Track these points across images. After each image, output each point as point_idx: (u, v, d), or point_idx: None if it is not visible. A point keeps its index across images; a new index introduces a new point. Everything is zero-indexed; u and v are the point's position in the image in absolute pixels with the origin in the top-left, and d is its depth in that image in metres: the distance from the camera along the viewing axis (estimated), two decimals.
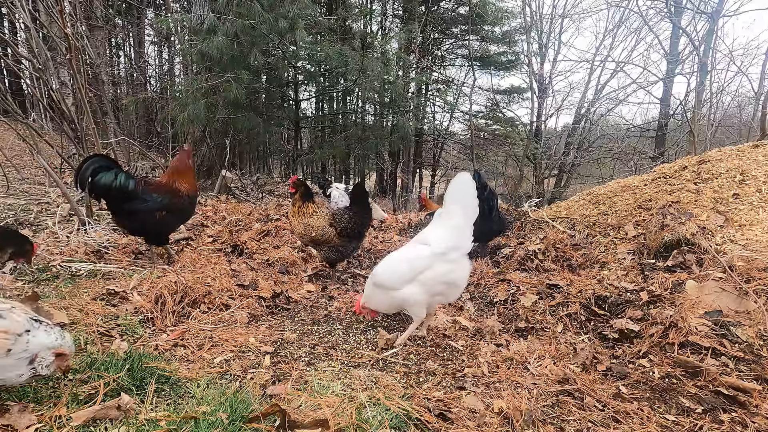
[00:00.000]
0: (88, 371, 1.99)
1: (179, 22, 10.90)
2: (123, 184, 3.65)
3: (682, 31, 14.91)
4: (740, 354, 2.47)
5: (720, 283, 3.02)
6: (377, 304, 2.87)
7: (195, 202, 4.32)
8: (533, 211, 5.77)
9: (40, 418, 1.65)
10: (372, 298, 2.86)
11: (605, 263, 3.88)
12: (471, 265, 2.82)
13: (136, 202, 3.74)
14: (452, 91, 18.08)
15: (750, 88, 14.89)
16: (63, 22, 4.05)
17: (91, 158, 3.67)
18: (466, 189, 2.67)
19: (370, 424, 1.80)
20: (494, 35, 17.13)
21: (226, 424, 1.69)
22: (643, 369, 2.47)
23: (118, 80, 14.67)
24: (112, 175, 3.62)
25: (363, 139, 11.46)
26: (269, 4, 8.63)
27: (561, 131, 20.90)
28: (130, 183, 3.69)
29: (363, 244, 5.41)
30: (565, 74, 36.90)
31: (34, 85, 5.42)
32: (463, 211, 2.66)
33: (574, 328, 2.98)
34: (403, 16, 17.23)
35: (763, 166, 4.49)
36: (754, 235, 3.60)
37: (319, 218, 4.09)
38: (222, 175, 9.13)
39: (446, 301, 2.97)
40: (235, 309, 3.14)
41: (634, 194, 4.85)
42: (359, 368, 2.40)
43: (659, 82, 15.75)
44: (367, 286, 2.91)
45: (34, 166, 8.48)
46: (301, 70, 11.40)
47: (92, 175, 3.60)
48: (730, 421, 2.00)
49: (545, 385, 2.26)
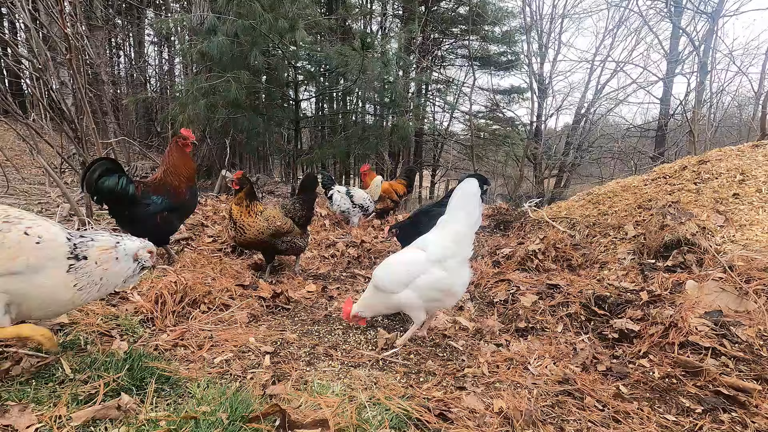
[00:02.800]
0: (88, 371, 1.99)
1: (179, 22, 10.89)
2: (124, 188, 3.59)
3: (682, 31, 14.92)
4: (740, 354, 2.47)
5: (720, 283, 3.02)
6: (376, 306, 2.85)
7: (196, 194, 4.18)
8: (533, 211, 5.77)
9: (41, 418, 1.64)
10: (371, 300, 2.83)
11: (605, 263, 3.88)
12: (470, 274, 2.79)
13: (137, 207, 3.66)
14: (452, 91, 18.06)
15: (750, 88, 14.90)
16: (63, 22, 4.05)
17: (99, 161, 3.58)
18: (472, 195, 2.65)
19: (370, 424, 1.80)
20: (494, 35, 17.09)
21: (226, 424, 1.69)
22: (643, 369, 2.47)
23: (118, 80, 14.68)
24: (116, 178, 3.55)
25: (363, 139, 11.43)
26: (269, 4, 8.61)
27: (561, 131, 20.90)
28: (130, 187, 3.62)
29: (363, 245, 5.41)
30: (565, 74, 37.04)
31: (34, 85, 5.41)
32: (467, 218, 2.64)
33: (574, 328, 2.98)
34: (403, 16, 17.21)
35: (763, 166, 4.49)
36: (754, 235, 3.61)
37: (275, 211, 3.97)
38: (222, 175, 9.13)
39: (443, 307, 2.93)
40: (235, 309, 3.14)
41: (634, 194, 4.85)
42: (359, 368, 2.40)
43: (659, 82, 15.76)
44: (367, 291, 2.89)
45: (34, 166, 8.48)
46: (301, 70, 11.38)
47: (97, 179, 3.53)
48: (730, 421, 2.00)
49: (545, 385, 2.26)
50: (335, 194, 6.48)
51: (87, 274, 1.94)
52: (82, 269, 1.92)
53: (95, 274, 1.97)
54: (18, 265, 1.73)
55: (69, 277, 1.88)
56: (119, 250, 2.08)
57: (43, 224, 1.87)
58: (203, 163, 10.46)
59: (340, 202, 6.42)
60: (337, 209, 6.47)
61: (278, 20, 8.51)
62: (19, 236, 1.75)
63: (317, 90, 12.69)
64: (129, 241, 2.16)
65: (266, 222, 3.83)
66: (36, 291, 1.80)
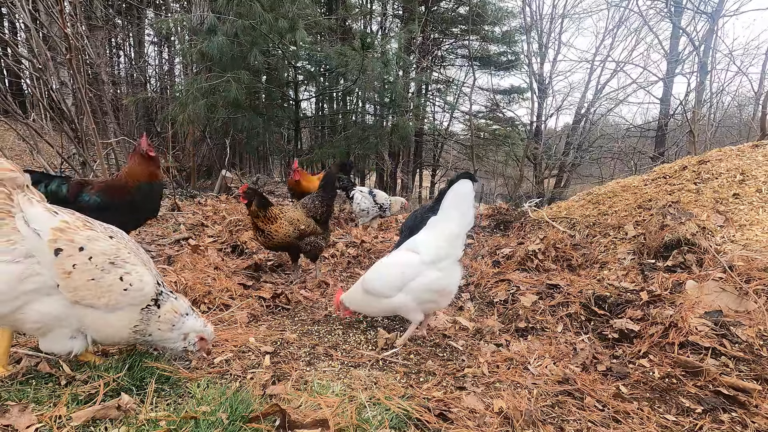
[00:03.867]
0: (88, 371, 1.99)
1: (179, 22, 10.90)
2: (54, 191, 3.38)
3: (682, 31, 14.93)
4: (740, 354, 2.47)
5: (720, 283, 3.02)
6: (367, 308, 2.84)
7: (152, 194, 3.70)
8: (533, 211, 5.77)
9: (41, 418, 1.64)
10: (361, 302, 2.81)
11: (605, 263, 3.87)
12: (462, 271, 2.80)
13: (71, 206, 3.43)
14: (452, 91, 18.07)
15: (750, 88, 14.90)
16: (63, 22, 4.05)
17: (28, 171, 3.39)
18: (467, 195, 2.65)
19: (370, 424, 1.80)
20: (494, 35, 17.11)
21: (226, 424, 1.69)
22: (643, 369, 2.47)
23: (118, 80, 14.67)
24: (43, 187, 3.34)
25: (363, 139, 11.43)
26: (269, 4, 8.62)
27: (561, 131, 20.92)
28: (62, 188, 3.40)
29: (363, 245, 5.41)
30: (565, 74, 37.10)
31: (34, 85, 5.41)
32: (460, 219, 2.64)
33: (574, 328, 2.98)
34: (403, 16, 17.22)
35: (763, 166, 4.49)
36: (754, 235, 3.61)
37: (296, 211, 3.97)
38: (222, 175, 9.14)
39: (438, 307, 2.92)
40: (235, 309, 3.14)
41: (634, 194, 4.85)
42: (359, 368, 2.40)
43: (659, 82, 15.78)
44: (355, 291, 2.86)
45: (34, 166, 8.47)
46: (301, 70, 11.39)
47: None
48: (730, 421, 2.00)
49: (545, 385, 2.26)
50: (357, 194, 6.69)
51: (146, 321, 2.01)
52: (148, 314, 2.01)
53: (152, 326, 2.02)
54: (100, 303, 1.88)
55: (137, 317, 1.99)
56: (181, 321, 2.08)
57: (139, 272, 1.97)
58: (203, 163, 10.47)
59: (361, 200, 6.62)
60: (357, 207, 6.65)
61: (278, 20, 8.52)
62: (113, 280, 1.88)
63: (317, 90, 12.69)
64: (194, 319, 2.13)
65: (291, 226, 3.89)
66: (104, 325, 1.95)
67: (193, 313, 2.16)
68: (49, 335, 1.90)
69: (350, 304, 2.90)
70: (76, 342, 1.95)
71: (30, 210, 1.81)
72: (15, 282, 1.75)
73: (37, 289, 1.80)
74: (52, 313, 1.83)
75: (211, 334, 2.17)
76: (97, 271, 1.85)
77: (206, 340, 2.15)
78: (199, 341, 2.13)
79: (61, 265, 1.79)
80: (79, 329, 1.94)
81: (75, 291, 1.82)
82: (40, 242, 1.77)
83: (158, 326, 2.04)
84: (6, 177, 1.81)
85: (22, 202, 1.82)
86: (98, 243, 1.89)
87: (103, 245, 1.90)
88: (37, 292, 1.80)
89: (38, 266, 1.78)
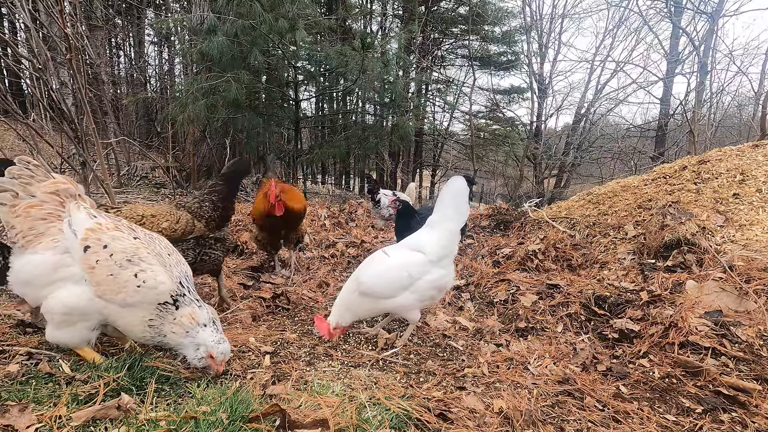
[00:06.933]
0: (88, 371, 1.99)
1: (179, 22, 10.88)
2: None
3: (682, 31, 14.93)
4: (740, 354, 2.47)
5: (720, 283, 3.02)
6: (361, 312, 2.71)
7: None
8: (533, 211, 5.77)
9: (41, 418, 1.64)
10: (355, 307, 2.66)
11: (605, 263, 3.87)
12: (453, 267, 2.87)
13: None
14: (452, 91, 18.07)
15: (750, 88, 14.90)
16: (63, 22, 4.05)
17: None
18: (462, 193, 2.67)
19: (370, 424, 1.80)
20: (494, 35, 17.12)
21: (226, 424, 1.68)
22: (643, 369, 2.47)
23: (118, 80, 14.67)
24: None
25: (363, 139, 11.40)
26: (269, 4, 8.61)
27: (561, 131, 20.92)
28: None
29: (363, 245, 5.41)
30: (565, 74, 37.13)
31: (34, 85, 5.40)
32: (458, 217, 2.68)
33: (574, 328, 2.98)
34: (403, 16, 17.23)
35: (763, 166, 4.49)
36: (754, 235, 3.61)
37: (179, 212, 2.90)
38: None
39: (432, 304, 3.01)
40: (235, 309, 3.14)
41: (634, 194, 4.85)
42: (359, 368, 2.40)
43: (659, 82, 15.78)
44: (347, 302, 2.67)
45: None
46: (301, 70, 11.37)
47: None
48: (730, 421, 2.00)
49: (545, 385, 2.26)
50: (382, 198, 6.73)
51: (161, 319, 2.06)
52: (164, 312, 2.06)
53: (166, 326, 2.07)
54: (118, 298, 2.01)
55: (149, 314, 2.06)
56: (196, 330, 2.07)
57: (155, 271, 2.05)
58: (203, 163, 10.46)
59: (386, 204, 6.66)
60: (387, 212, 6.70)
61: (278, 20, 8.51)
62: (128, 276, 2.00)
63: (317, 90, 12.68)
64: (210, 332, 2.08)
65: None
66: (121, 319, 2.08)
67: (213, 327, 2.11)
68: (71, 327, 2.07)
69: (343, 319, 2.67)
70: (93, 334, 2.14)
71: (75, 214, 2.08)
72: (50, 270, 2.03)
73: (67, 277, 2.03)
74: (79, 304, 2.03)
75: (221, 355, 2.08)
76: (116, 267, 2.00)
77: (214, 359, 2.07)
78: (207, 357, 2.07)
79: (87, 260, 2.00)
80: (101, 322, 2.11)
81: (98, 285, 2.00)
82: (75, 241, 2.02)
83: (172, 328, 2.06)
84: (61, 188, 2.13)
85: (72, 209, 2.11)
86: (120, 242, 2.05)
87: (124, 244, 2.05)
88: (67, 280, 2.04)
89: (70, 260, 2.03)
